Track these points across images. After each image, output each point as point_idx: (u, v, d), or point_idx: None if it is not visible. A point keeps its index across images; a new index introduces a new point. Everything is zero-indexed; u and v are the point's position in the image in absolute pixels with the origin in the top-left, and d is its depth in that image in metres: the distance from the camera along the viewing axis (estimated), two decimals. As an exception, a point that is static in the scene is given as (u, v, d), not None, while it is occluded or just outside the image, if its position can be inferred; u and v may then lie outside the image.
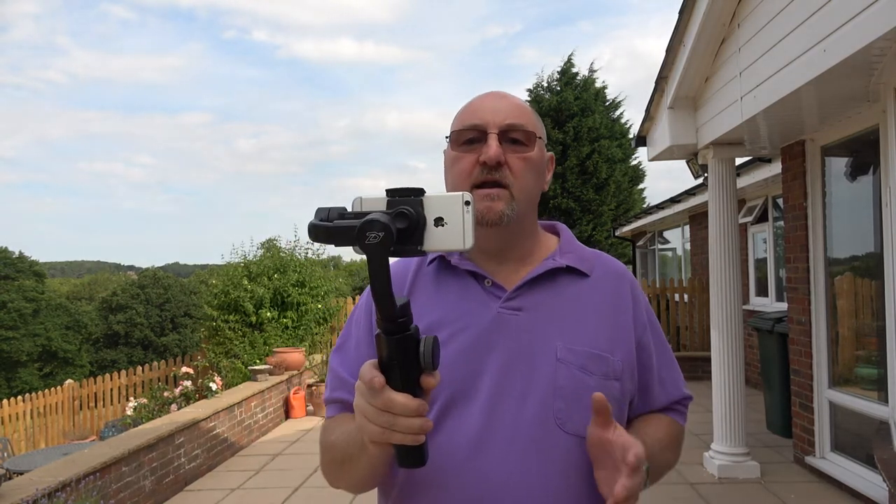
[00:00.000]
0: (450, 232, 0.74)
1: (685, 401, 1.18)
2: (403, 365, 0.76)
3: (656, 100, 5.38)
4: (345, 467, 0.99)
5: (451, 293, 1.06)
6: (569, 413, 0.98)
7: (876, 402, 4.08)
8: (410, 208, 0.73)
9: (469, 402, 0.98)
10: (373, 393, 0.77)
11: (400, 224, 0.72)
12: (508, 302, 1.03)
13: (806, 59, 3.27)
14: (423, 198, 0.75)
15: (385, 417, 0.77)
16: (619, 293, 1.09)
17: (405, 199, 0.75)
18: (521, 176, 1.03)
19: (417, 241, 0.74)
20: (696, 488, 4.58)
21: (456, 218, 0.74)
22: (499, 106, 1.05)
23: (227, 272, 9.41)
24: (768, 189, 7.41)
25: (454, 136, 1.06)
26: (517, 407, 0.97)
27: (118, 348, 43.50)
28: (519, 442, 0.96)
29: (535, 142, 1.05)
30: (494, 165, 1.00)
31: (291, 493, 4.83)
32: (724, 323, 4.85)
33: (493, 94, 1.10)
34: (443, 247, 0.75)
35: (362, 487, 1.03)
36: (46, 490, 3.52)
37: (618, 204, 17.15)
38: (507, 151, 1.02)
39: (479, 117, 1.04)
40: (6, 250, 39.57)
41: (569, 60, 18.27)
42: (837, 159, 4.68)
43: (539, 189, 1.09)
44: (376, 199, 0.76)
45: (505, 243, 1.07)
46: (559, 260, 1.07)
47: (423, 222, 0.74)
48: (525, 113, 1.07)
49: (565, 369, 0.98)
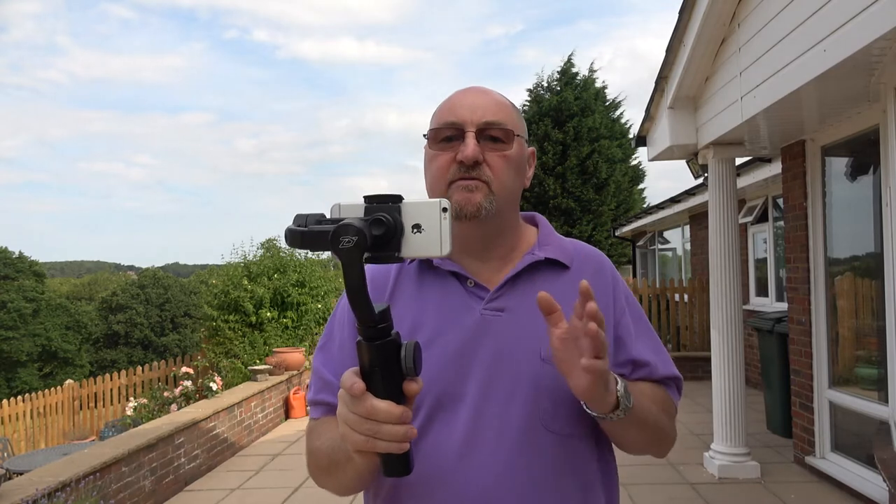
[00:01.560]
0: (427, 238, 0.75)
1: (674, 379, 1.12)
2: (385, 371, 0.75)
3: (656, 100, 5.38)
4: (331, 474, 0.98)
5: (433, 295, 1.05)
6: (554, 412, 0.98)
7: (876, 402, 4.08)
8: (387, 215, 0.73)
9: (455, 406, 0.98)
10: (354, 401, 0.76)
11: (377, 231, 0.72)
12: (491, 303, 1.03)
13: (806, 59, 3.27)
14: (400, 204, 0.75)
15: (368, 425, 0.76)
16: (600, 279, 1.09)
17: (383, 205, 0.75)
18: (499, 173, 1.02)
19: (395, 247, 0.74)
20: (696, 488, 4.58)
21: (433, 224, 0.75)
22: (477, 103, 1.03)
23: (227, 272, 9.41)
24: (768, 189, 7.40)
25: (432, 135, 1.05)
26: (503, 408, 0.97)
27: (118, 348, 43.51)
28: (506, 443, 0.96)
29: (513, 139, 1.04)
30: (472, 164, 0.99)
31: (291, 493, 4.83)
32: (724, 323, 4.85)
33: (473, 89, 1.08)
34: (420, 253, 0.75)
35: (349, 492, 1.02)
36: (46, 490, 3.52)
37: (618, 204, 17.16)
38: (485, 149, 1.01)
39: (457, 115, 1.02)
40: (6, 250, 39.55)
41: (569, 60, 18.30)
42: (837, 159, 4.67)
43: (520, 186, 1.08)
44: (354, 205, 0.76)
45: (486, 240, 1.06)
46: (538, 253, 1.07)
47: (400, 229, 0.74)
48: (504, 109, 1.05)
49: (550, 369, 0.97)
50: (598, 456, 1.04)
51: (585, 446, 1.01)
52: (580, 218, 16.65)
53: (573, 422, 0.99)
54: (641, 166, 18.65)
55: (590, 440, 1.02)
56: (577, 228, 16.48)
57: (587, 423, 1.00)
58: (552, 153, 16.73)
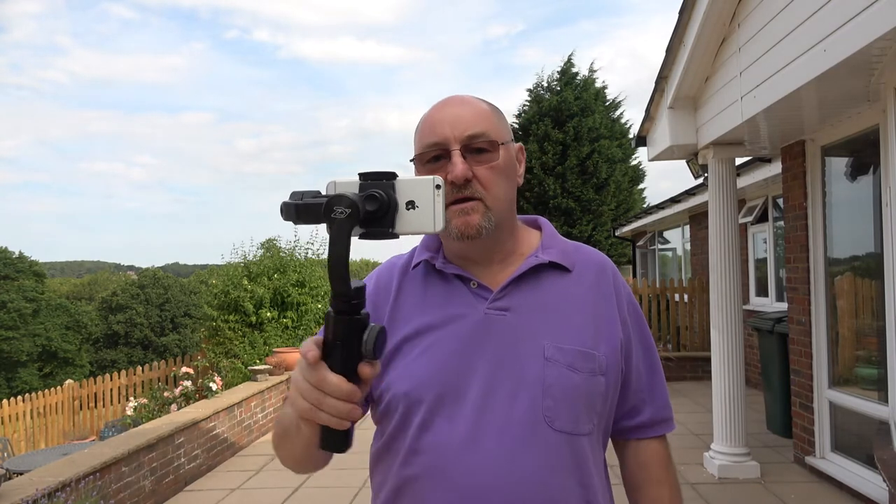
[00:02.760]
0: (421, 215, 0.76)
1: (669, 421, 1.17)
2: (345, 347, 0.75)
3: (656, 100, 5.38)
4: (283, 442, 0.99)
5: (438, 296, 1.06)
6: (557, 411, 0.98)
7: (876, 402, 4.08)
8: (382, 191, 0.74)
9: (458, 403, 0.99)
10: (309, 368, 0.76)
11: (370, 206, 0.73)
12: (495, 302, 1.03)
13: (806, 59, 3.27)
14: (394, 181, 0.76)
15: (315, 395, 0.76)
16: (600, 285, 1.10)
17: (377, 182, 0.76)
18: (491, 186, 1.01)
19: (389, 223, 0.75)
20: (696, 488, 4.58)
21: (427, 201, 0.76)
22: (457, 116, 1.02)
23: (227, 272, 9.42)
24: (768, 189, 7.41)
25: (418, 158, 1.04)
26: (506, 406, 0.98)
27: (118, 348, 43.54)
28: (508, 441, 0.97)
29: (499, 148, 1.02)
30: (463, 183, 0.99)
31: (291, 493, 4.83)
32: (724, 323, 4.85)
33: (450, 101, 1.06)
34: (414, 229, 0.76)
35: (300, 467, 1.02)
36: (46, 490, 3.52)
37: (618, 204, 17.15)
38: (472, 163, 1.00)
39: (439, 133, 1.01)
40: (6, 250, 39.56)
41: (569, 60, 18.28)
42: (837, 159, 4.67)
43: (514, 189, 1.08)
44: (349, 182, 0.77)
45: (487, 250, 1.07)
46: (542, 256, 1.07)
47: (394, 205, 0.75)
48: (485, 118, 1.03)
49: (553, 368, 0.99)
50: (599, 455, 1.06)
51: (587, 445, 1.02)
52: (580, 218, 16.64)
53: (575, 420, 1.00)
54: (641, 166, 18.64)
55: (591, 439, 1.03)
56: (577, 228, 16.47)
57: (589, 422, 1.02)
58: (552, 153, 16.72)
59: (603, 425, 1.07)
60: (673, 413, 1.18)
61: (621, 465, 1.17)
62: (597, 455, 1.05)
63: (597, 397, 1.02)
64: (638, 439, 1.14)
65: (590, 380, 1.01)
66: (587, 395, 1.00)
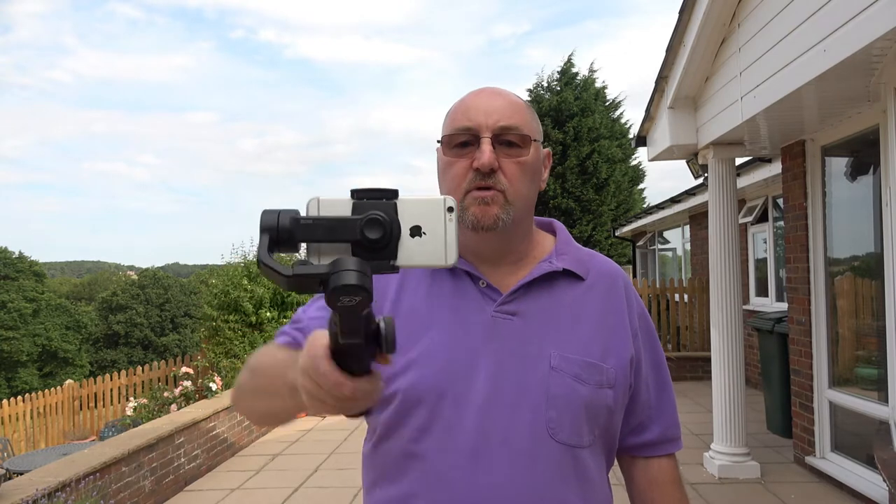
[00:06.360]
0: (429, 244, 0.60)
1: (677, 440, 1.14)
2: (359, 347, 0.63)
3: (656, 100, 5.38)
4: (260, 395, 0.92)
5: (445, 291, 1.03)
6: (561, 422, 0.96)
7: (876, 402, 4.08)
8: (384, 214, 0.59)
9: (459, 407, 0.96)
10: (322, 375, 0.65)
11: (373, 234, 0.58)
12: (503, 306, 1.00)
13: (806, 59, 3.27)
14: (396, 202, 0.60)
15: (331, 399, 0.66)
16: (612, 297, 1.07)
17: (375, 202, 0.60)
18: (515, 181, 0.98)
19: (390, 254, 0.59)
20: (696, 488, 4.58)
21: (437, 227, 0.61)
22: (492, 106, 1.00)
23: (227, 272, 9.40)
24: (768, 189, 7.40)
25: (446, 140, 1.02)
26: (509, 415, 0.95)
27: (118, 348, 43.56)
28: (510, 451, 0.94)
29: (530, 144, 1.00)
30: (488, 172, 0.97)
31: (291, 493, 4.83)
32: (724, 323, 4.85)
33: (487, 91, 1.04)
34: (420, 262, 0.61)
35: (265, 421, 0.99)
36: (46, 490, 3.52)
37: (618, 204, 17.16)
38: (500, 155, 0.98)
39: (472, 119, 0.99)
40: (6, 250, 39.56)
41: (569, 60, 18.29)
42: (837, 159, 4.67)
43: (536, 191, 1.04)
44: (337, 200, 0.60)
45: (501, 248, 1.04)
46: (556, 263, 1.04)
47: (397, 231, 0.60)
48: (519, 112, 1.01)
49: (559, 378, 0.96)
50: (602, 468, 1.04)
51: (589, 457, 1.00)
52: (580, 218, 16.65)
53: (579, 432, 0.97)
54: (641, 166, 18.66)
55: (593, 451, 1.01)
56: (577, 228, 16.48)
57: (592, 434, 0.99)
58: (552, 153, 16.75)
59: (608, 439, 1.04)
60: (681, 432, 1.15)
61: (628, 484, 1.14)
62: (599, 468, 1.03)
63: (602, 410, 0.99)
64: (646, 457, 1.11)
65: (596, 392, 0.98)
66: (592, 408, 0.98)
